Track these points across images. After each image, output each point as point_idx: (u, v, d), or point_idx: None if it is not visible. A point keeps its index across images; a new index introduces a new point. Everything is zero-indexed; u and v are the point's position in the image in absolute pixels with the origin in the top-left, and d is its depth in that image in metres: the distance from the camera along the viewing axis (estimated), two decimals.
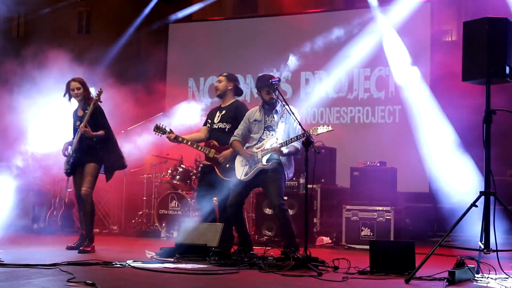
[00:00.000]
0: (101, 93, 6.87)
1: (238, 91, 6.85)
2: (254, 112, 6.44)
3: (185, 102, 10.22)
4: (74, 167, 6.93)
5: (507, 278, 4.89)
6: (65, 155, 7.00)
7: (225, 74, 6.83)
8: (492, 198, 5.03)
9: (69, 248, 6.77)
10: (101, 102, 6.90)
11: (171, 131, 6.76)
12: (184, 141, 6.68)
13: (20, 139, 9.65)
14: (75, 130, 6.97)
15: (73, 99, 7.05)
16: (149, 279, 4.82)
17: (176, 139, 6.72)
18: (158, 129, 6.78)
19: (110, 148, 7.01)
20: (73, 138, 6.98)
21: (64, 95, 7.05)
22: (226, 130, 6.65)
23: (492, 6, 9.46)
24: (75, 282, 4.30)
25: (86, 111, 6.85)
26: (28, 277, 4.60)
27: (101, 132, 6.87)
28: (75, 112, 7.10)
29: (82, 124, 6.74)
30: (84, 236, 6.78)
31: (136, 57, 11.62)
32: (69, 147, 6.96)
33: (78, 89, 6.96)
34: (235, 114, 6.67)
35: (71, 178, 7.15)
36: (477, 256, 5.05)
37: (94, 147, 6.86)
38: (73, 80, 7.04)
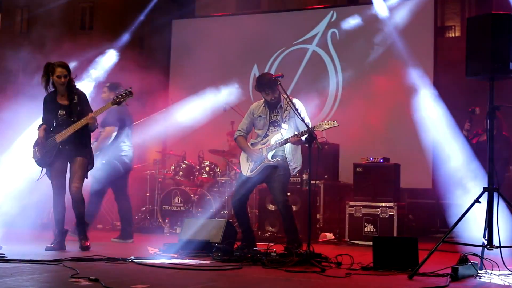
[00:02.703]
0: (128, 96, 6.39)
1: None
2: (258, 107, 6.42)
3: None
4: (56, 159, 6.32)
5: (511, 274, 4.89)
6: (40, 143, 6.35)
7: (107, 84, 7.21)
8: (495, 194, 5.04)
9: (49, 249, 6.25)
10: (127, 105, 6.67)
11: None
12: None
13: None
14: (56, 119, 6.33)
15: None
16: (152, 275, 4.83)
17: None
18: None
19: (90, 144, 6.60)
20: (51, 127, 6.35)
21: (43, 78, 6.28)
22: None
23: (496, 1, 9.44)
24: (78, 278, 4.32)
25: (75, 101, 6.32)
26: (32, 272, 4.61)
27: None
28: (53, 98, 6.37)
29: (93, 114, 6.24)
30: (81, 232, 6.48)
31: (139, 53, 11.62)
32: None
33: (66, 76, 6.26)
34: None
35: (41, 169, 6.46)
36: (480, 252, 5.06)
37: (80, 141, 6.37)
38: (59, 65, 6.27)
